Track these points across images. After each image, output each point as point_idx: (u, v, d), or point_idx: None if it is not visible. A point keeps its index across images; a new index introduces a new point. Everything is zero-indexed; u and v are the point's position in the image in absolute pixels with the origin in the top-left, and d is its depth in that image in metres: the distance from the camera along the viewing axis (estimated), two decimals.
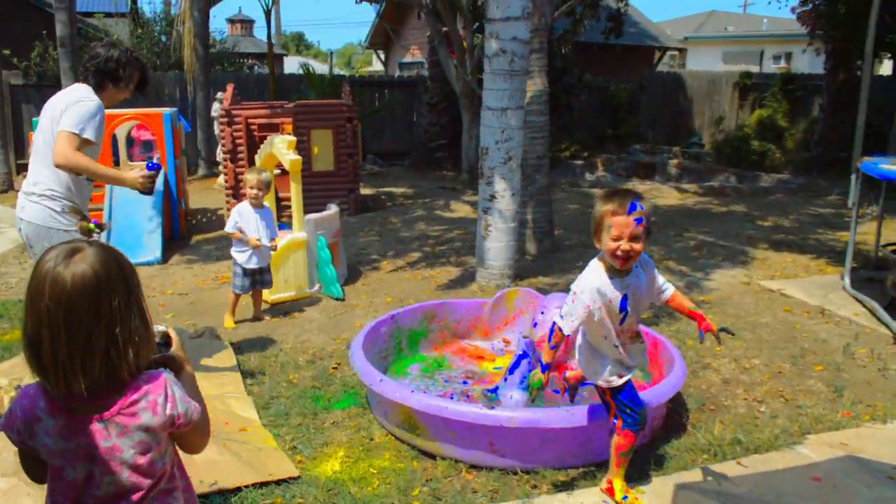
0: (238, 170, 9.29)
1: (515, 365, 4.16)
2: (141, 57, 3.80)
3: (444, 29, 12.11)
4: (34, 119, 7.76)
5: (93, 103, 3.61)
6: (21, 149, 13.64)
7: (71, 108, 3.56)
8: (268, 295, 5.89)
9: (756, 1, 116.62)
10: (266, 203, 5.47)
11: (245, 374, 4.43)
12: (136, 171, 3.64)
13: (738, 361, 4.75)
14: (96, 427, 1.60)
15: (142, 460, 1.65)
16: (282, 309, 5.75)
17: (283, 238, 5.92)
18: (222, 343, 4.91)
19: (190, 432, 1.75)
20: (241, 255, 5.34)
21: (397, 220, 9.08)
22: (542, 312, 4.69)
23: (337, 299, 5.94)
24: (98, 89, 3.71)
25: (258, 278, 5.42)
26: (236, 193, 9.35)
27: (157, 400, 1.64)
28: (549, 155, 7.50)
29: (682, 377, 3.84)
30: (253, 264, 5.32)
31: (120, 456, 1.63)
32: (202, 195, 11.15)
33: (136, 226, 7.58)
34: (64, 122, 3.52)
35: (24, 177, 11.34)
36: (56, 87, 12.82)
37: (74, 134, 3.51)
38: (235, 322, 5.44)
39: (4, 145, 12.03)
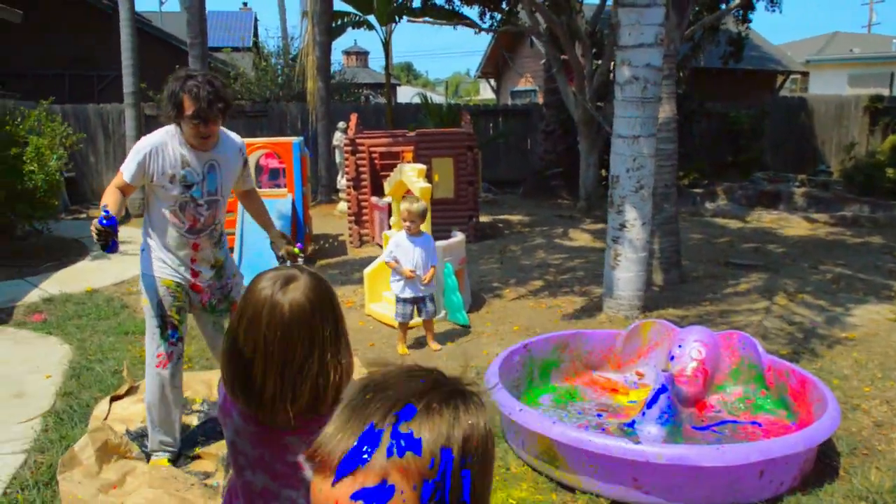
0: (360, 197, 9.51)
1: (654, 399, 4.04)
2: (193, 84, 3.33)
3: (563, 56, 12.09)
4: None
5: (138, 144, 3.48)
6: None
7: None
8: (393, 320, 5.96)
9: (882, 20, 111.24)
10: (425, 231, 5.51)
11: None
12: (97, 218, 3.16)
13: (890, 403, 4.47)
14: (286, 442, 1.61)
15: None
16: (409, 335, 5.80)
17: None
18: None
19: None
20: (395, 285, 5.44)
21: (517, 248, 9.06)
22: (680, 346, 4.55)
23: (463, 326, 5.95)
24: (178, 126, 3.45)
25: (421, 307, 5.45)
26: (358, 220, 9.57)
27: None
28: (675, 184, 7.33)
29: (836, 419, 3.63)
30: (407, 294, 5.38)
31: (302, 474, 1.63)
32: (323, 221, 11.46)
33: (265, 251, 7.81)
34: None
35: None
36: None
37: (119, 171, 3.46)
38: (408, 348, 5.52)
39: None
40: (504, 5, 14.07)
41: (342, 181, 12.61)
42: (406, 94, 33.53)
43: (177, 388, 3.65)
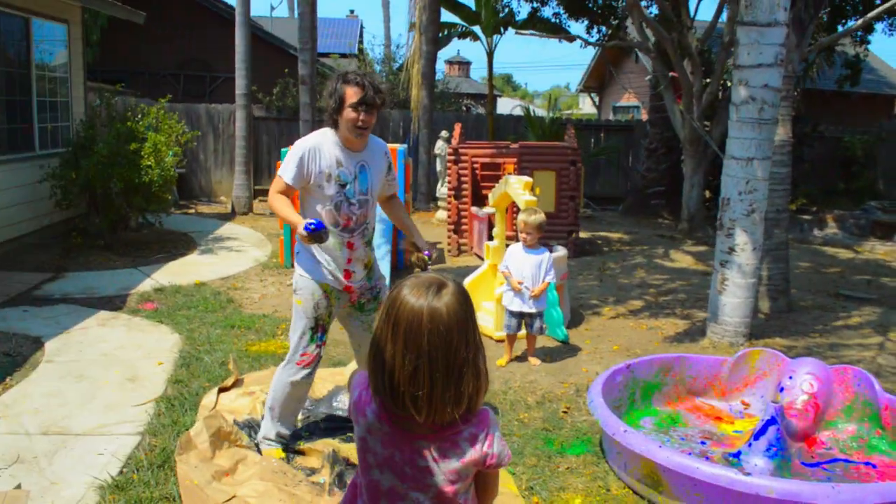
0: (461, 206, 9.56)
1: (762, 431, 3.90)
2: (353, 76, 3.51)
3: (671, 73, 11.87)
4: (283, 149, 8.45)
5: (294, 146, 3.62)
6: (259, 175, 14.91)
7: None
8: (493, 332, 5.96)
9: None
10: (542, 246, 5.49)
11: None
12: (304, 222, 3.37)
13: None
14: (418, 446, 1.65)
15: (448, 489, 1.67)
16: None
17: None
18: None
19: (492, 478, 1.76)
20: (505, 296, 5.46)
21: (616, 266, 8.92)
22: (790, 377, 4.37)
23: (562, 342, 5.89)
24: (335, 127, 3.60)
25: (527, 321, 5.41)
26: (457, 229, 9.62)
27: (478, 434, 1.66)
28: (787, 209, 7.08)
29: None
30: (514, 306, 5.37)
31: (431, 479, 1.66)
32: (422, 228, 11.49)
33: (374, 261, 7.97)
34: None
35: (262, 200, 12.22)
36: (293, 119, 13.96)
37: (278, 176, 3.59)
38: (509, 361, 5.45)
39: (247, 172, 13.16)
40: (612, 20, 13.93)
41: (442, 189, 12.72)
42: (505, 106, 33.57)
43: (308, 386, 3.81)
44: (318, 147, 3.55)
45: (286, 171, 3.54)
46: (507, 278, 5.41)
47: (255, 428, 3.97)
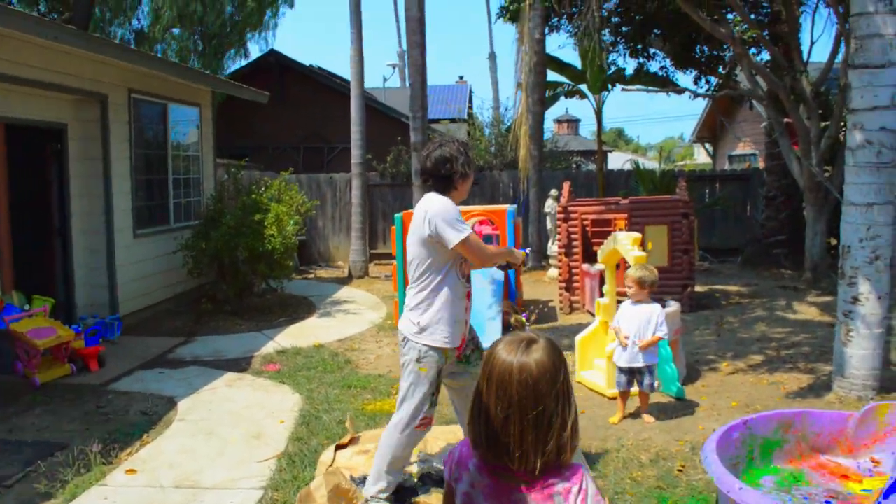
0: (572, 263, 9.56)
1: (892, 489, 3.69)
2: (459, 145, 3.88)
3: (786, 119, 11.56)
4: (396, 215, 8.75)
5: (448, 206, 3.73)
6: (374, 240, 15.41)
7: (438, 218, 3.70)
8: (605, 389, 5.91)
9: None
10: (650, 300, 5.45)
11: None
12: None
13: None
14: (518, 497, 1.74)
15: None
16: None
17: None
18: None
19: None
20: (615, 352, 5.48)
21: (734, 320, 8.65)
22: None
23: (677, 399, 5.77)
24: (445, 192, 3.80)
25: (638, 378, 5.36)
26: (569, 286, 9.61)
27: (571, 489, 1.74)
28: None
29: None
30: (622, 362, 5.36)
31: None
32: (533, 287, 11.61)
33: (477, 313, 8.07)
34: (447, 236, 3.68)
35: (377, 264, 12.63)
36: (406, 185, 14.41)
37: (468, 234, 3.67)
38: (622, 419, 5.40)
39: (363, 237, 13.63)
40: (720, 69, 13.75)
41: (553, 247, 12.76)
42: (617, 160, 33.39)
43: (415, 446, 3.95)
44: None
45: (464, 226, 3.69)
46: (616, 333, 5.40)
47: None
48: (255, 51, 19.40)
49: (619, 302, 7.43)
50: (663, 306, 6.29)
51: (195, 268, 9.44)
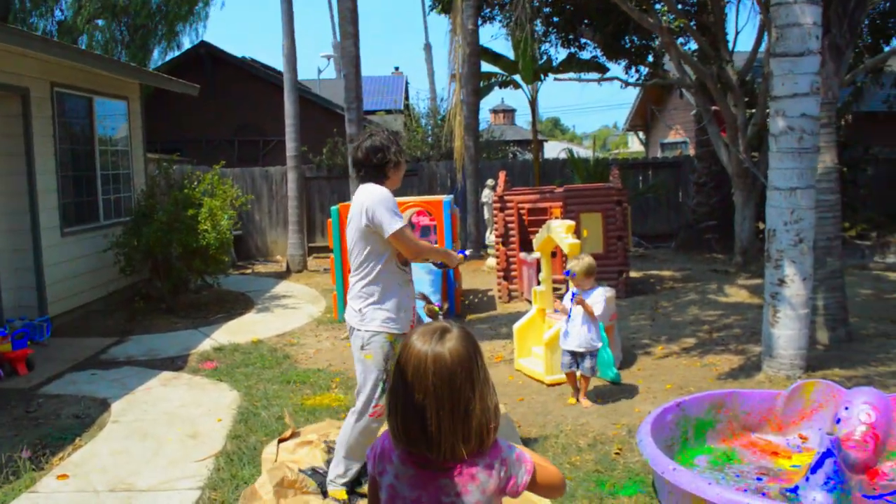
0: (509, 252, 9.64)
1: (819, 464, 3.82)
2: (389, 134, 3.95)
3: (714, 107, 11.85)
4: (333, 207, 8.69)
5: (384, 195, 3.76)
6: (312, 233, 15.27)
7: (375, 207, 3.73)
8: (543, 376, 5.98)
9: None
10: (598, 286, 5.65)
11: None
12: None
13: None
14: (441, 484, 1.74)
15: None
16: (558, 390, 5.80)
17: (560, 321, 6.02)
18: (510, 422, 5.03)
19: (539, 489, 1.85)
20: (560, 334, 5.61)
21: (668, 304, 8.85)
22: (847, 408, 4.29)
23: (613, 383, 5.88)
24: (379, 182, 3.84)
25: (578, 360, 5.48)
26: (507, 275, 9.69)
27: (492, 464, 1.76)
28: (840, 236, 6.97)
29: None
30: (566, 345, 5.50)
31: None
32: (472, 276, 11.67)
33: (416, 305, 8.08)
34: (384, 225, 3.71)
35: (316, 257, 12.52)
36: (343, 177, 14.31)
37: (401, 228, 3.71)
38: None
39: (300, 230, 13.49)
40: (650, 58, 14.00)
41: (490, 237, 12.84)
42: (553, 150, 33.73)
43: (377, 433, 3.82)
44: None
45: (397, 218, 3.71)
46: (558, 311, 5.60)
47: (319, 474, 4.08)
48: (186, 43, 18.84)
49: (555, 289, 7.54)
50: None
51: (127, 265, 9.21)
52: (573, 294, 5.51)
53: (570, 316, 5.52)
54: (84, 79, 9.10)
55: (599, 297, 5.50)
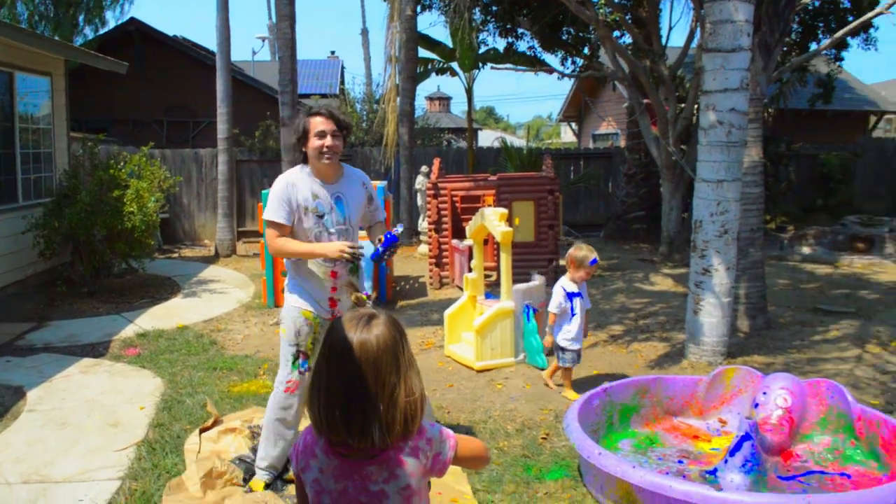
0: (442, 239, 9.64)
1: (737, 447, 3.95)
2: (315, 110, 3.73)
3: (646, 100, 12.06)
4: (264, 192, 8.53)
5: (273, 187, 3.73)
6: (242, 217, 14.99)
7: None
8: (473, 362, 6.01)
9: None
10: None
11: None
12: (339, 243, 3.64)
13: None
14: (367, 471, 1.72)
15: None
16: (487, 376, 5.83)
17: (492, 307, 6.05)
18: (429, 406, 5.04)
19: (464, 461, 1.85)
20: (564, 332, 5.36)
21: (596, 292, 8.99)
22: (765, 393, 4.44)
23: (542, 369, 5.94)
24: (306, 163, 3.77)
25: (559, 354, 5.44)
26: (439, 262, 9.70)
27: (417, 446, 1.74)
28: (762, 228, 7.19)
29: None
30: (576, 345, 5.36)
31: (387, 502, 1.72)
32: (404, 263, 11.65)
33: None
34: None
35: (245, 242, 12.24)
36: (275, 161, 14.06)
37: (270, 221, 3.69)
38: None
39: (230, 214, 13.23)
40: (585, 51, 14.16)
41: (423, 224, 12.82)
42: (487, 138, 33.87)
43: (296, 415, 3.82)
44: (294, 182, 3.70)
45: (276, 212, 3.65)
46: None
47: (246, 462, 4.02)
48: (111, 20, 18.19)
49: (486, 276, 7.57)
50: (529, 280, 6.46)
51: (47, 248, 8.87)
52: (569, 295, 5.35)
53: (573, 313, 5.34)
54: (4, 53, 8.70)
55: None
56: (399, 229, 3.69)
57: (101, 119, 16.31)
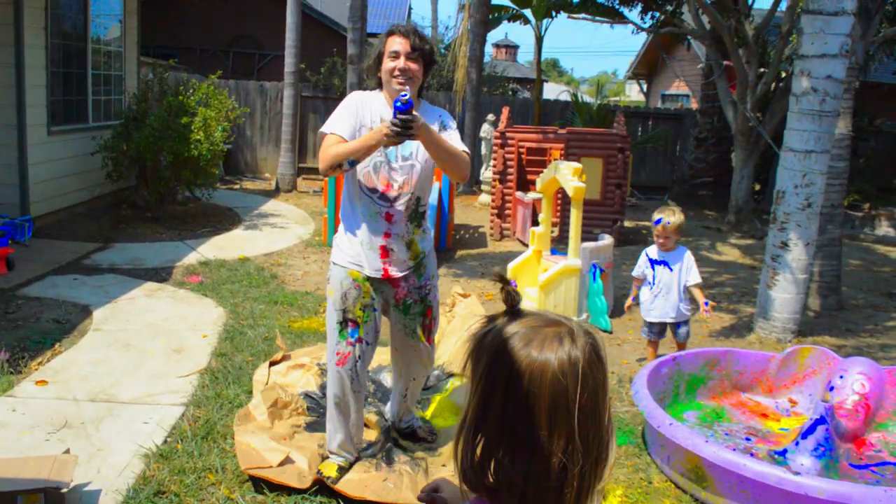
0: (506, 190, 9.49)
1: (810, 430, 3.80)
2: (395, 28, 3.30)
3: (725, 62, 11.61)
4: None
5: (344, 100, 3.32)
6: (304, 153, 14.97)
7: None
8: None
9: None
10: (681, 246, 4.94)
11: None
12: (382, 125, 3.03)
13: None
14: None
15: None
16: None
17: (558, 264, 5.93)
18: None
19: None
20: (646, 303, 4.95)
21: None
22: (841, 377, 4.27)
23: (605, 331, 5.83)
24: (381, 87, 3.34)
25: (670, 327, 4.93)
26: (501, 214, 9.56)
27: None
28: (843, 205, 6.89)
29: None
30: (652, 317, 4.92)
31: None
32: (464, 212, 11.53)
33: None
34: None
35: (306, 178, 12.16)
36: (340, 98, 13.89)
37: (328, 134, 3.19)
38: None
39: (292, 150, 13.22)
40: (667, 5, 13.64)
41: (486, 173, 12.65)
42: (551, 91, 33.24)
43: (356, 393, 3.32)
44: (365, 101, 3.27)
45: (339, 124, 3.16)
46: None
47: (311, 397, 4.04)
48: None
49: (552, 231, 7.42)
50: (596, 239, 6.30)
51: (115, 170, 8.96)
52: (651, 262, 4.90)
53: (653, 281, 4.87)
54: None
55: (692, 262, 4.87)
56: (406, 95, 2.86)
57: (169, 46, 16.35)
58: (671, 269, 4.84)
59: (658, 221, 4.80)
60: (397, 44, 3.20)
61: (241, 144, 15.05)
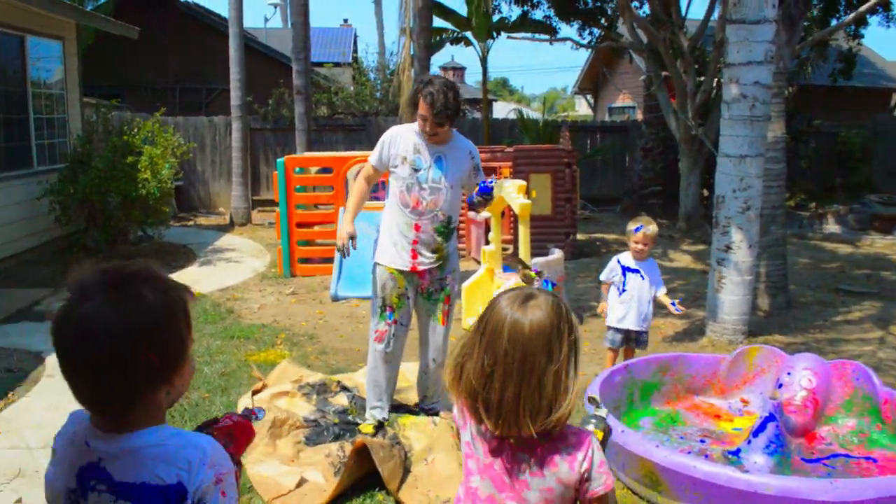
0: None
1: (761, 428, 3.91)
2: (429, 91, 3.79)
3: (664, 73, 11.89)
4: (279, 160, 8.49)
5: (383, 135, 4.13)
6: (258, 186, 14.92)
7: None
8: None
9: None
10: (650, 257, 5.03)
11: None
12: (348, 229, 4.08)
13: None
14: (518, 457, 1.66)
15: None
16: None
17: (509, 280, 6.00)
18: None
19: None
20: (615, 311, 4.96)
21: None
22: (789, 373, 4.39)
23: None
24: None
25: (633, 336, 4.97)
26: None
27: (577, 456, 1.65)
28: (784, 205, 7.09)
29: None
30: (624, 324, 4.91)
31: (527, 493, 1.67)
32: None
33: (365, 262, 7.98)
34: None
35: (260, 211, 12.15)
36: (289, 130, 13.96)
37: (368, 162, 4.19)
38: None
39: (245, 183, 13.18)
40: (603, 21, 13.95)
41: None
42: (502, 110, 33.62)
43: (389, 364, 4.19)
44: (399, 135, 4.04)
45: (372, 155, 4.11)
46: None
47: (313, 421, 4.22)
48: None
49: (504, 248, 7.51)
50: (546, 254, 6.38)
51: (63, 214, 8.86)
52: (623, 269, 4.93)
53: (624, 288, 4.90)
54: (16, 15, 8.61)
55: (659, 272, 5.01)
56: (492, 182, 4.02)
57: (114, 86, 16.22)
58: (643, 278, 4.92)
59: (638, 229, 4.91)
60: (424, 109, 3.86)
61: (194, 180, 14.95)
